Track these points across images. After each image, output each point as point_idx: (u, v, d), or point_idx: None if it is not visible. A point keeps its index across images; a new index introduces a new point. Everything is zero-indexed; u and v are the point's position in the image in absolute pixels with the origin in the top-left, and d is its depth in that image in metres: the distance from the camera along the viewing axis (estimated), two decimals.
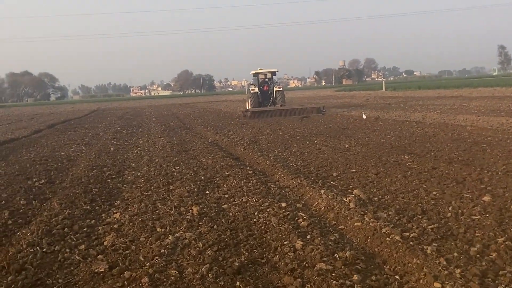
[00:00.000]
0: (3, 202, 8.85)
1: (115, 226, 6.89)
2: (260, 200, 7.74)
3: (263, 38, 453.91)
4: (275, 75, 31.05)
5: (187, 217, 7.05)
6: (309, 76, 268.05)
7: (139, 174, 11.02)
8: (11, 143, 20.40)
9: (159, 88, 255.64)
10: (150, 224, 6.84)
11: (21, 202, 8.73)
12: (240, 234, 6.17)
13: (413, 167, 9.64)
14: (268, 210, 7.16)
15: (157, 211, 7.55)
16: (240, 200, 7.97)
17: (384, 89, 70.16)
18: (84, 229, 6.82)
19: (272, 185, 9.00)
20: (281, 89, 30.29)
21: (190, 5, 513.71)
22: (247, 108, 29.39)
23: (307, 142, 14.82)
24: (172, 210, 7.49)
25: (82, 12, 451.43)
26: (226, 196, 8.34)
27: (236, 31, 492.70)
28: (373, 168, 9.89)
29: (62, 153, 15.84)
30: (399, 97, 46.91)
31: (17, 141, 21.08)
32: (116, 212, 7.65)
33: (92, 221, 7.23)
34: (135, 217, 7.27)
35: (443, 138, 13.77)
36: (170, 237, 6.07)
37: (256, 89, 30.18)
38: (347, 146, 13.47)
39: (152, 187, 9.40)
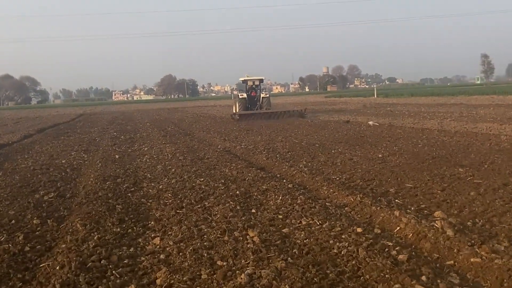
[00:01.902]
0: (13, 221, 7.50)
1: (162, 256, 5.63)
2: (326, 223, 6.54)
3: (246, 43, 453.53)
4: (262, 82, 33.37)
5: (248, 245, 5.81)
6: (292, 82, 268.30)
7: (160, 186, 9.75)
8: (2, 149, 18.83)
9: (142, 93, 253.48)
10: (205, 254, 5.57)
11: (34, 221, 7.41)
12: (328, 271, 4.95)
13: (479, 183, 8.53)
14: (343, 237, 5.96)
15: (205, 236, 6.29)
16: (298, 222, 6.76)
17: (375, 96, 69.50)
18: (125, 261, 5.53)
19: (326, 203, 7.80)
20: (268, 95, 32.79)
21: (173, 7, 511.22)
22: (234, 111, 31.22)
23: (333, 151, 13.67)
24: (224, 236, 6.24)
25: (63, 14, 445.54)
26: (280, 216, 7.11)
27: (219, 36, 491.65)
28: (432, 183, 8.76)
29: (62, 161, 14.45)
30: (395, 104, 46.04)
31: (8, 147, 19.51)
32: (155, 237, 6.38)
33: (131, 250, 5.94)
34: (181, 244, 6.01)
35: (484, 148, 12.71)
36: (241, 275, 4.84)
37: (245, 95, 32.27)
38: (380, 156, 12.36)
39: (184, 204, 8.12)
